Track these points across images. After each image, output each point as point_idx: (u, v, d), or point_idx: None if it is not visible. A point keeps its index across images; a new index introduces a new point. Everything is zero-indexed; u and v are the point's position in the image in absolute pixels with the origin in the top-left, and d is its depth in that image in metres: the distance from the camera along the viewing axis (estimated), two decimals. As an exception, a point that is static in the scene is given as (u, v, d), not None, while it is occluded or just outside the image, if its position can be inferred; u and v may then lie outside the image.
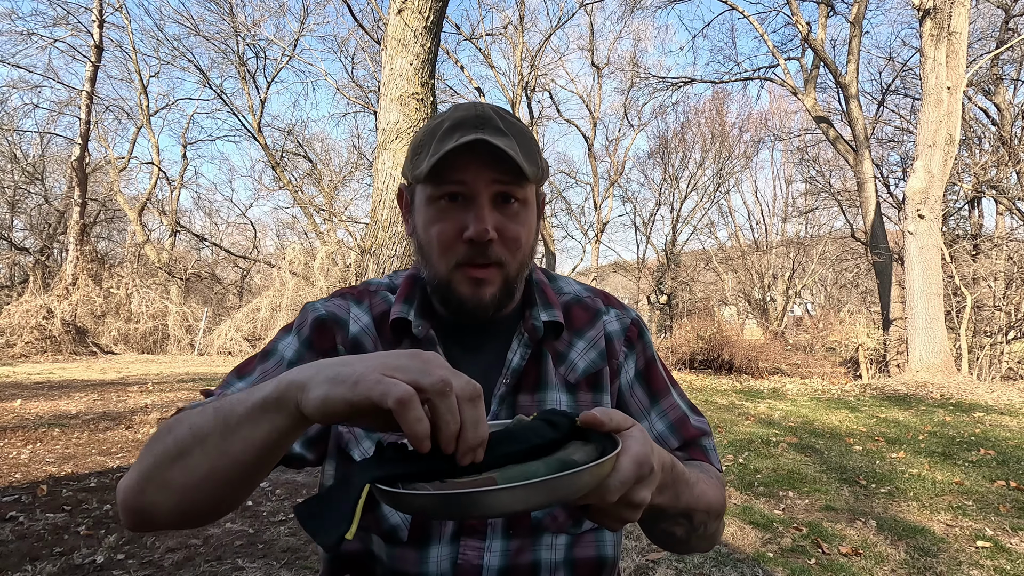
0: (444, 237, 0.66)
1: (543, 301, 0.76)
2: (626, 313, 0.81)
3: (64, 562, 2.45)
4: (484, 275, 0.67)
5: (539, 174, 0.67)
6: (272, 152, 18.43)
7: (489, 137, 0.62)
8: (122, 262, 16.71)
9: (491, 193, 0.65)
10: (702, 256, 22.45)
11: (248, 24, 17.57)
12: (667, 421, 0.78)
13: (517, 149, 0.64)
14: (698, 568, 2.56)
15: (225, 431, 0.49)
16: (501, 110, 0.69)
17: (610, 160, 22.45)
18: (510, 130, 0.66)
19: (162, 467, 0.51)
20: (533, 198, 0.71)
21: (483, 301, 0.67)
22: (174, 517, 0.53)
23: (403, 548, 0.66)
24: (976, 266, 11.14)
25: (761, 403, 7.47)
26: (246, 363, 0.72)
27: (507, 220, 0.66)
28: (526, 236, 0.69)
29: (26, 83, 16.47)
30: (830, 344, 12.22)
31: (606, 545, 0.72)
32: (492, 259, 0.66)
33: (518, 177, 0.65)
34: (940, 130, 9.04)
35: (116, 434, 4.85)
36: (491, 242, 0.65)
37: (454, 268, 0.67)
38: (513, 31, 19.22)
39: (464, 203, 0.66)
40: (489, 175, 0.64)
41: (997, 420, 6.06)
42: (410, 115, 4.05)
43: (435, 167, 0.63)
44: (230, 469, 0.49)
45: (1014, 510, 3.33)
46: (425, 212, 0.68)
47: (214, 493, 0.51)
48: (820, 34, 13.61)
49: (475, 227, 0.64)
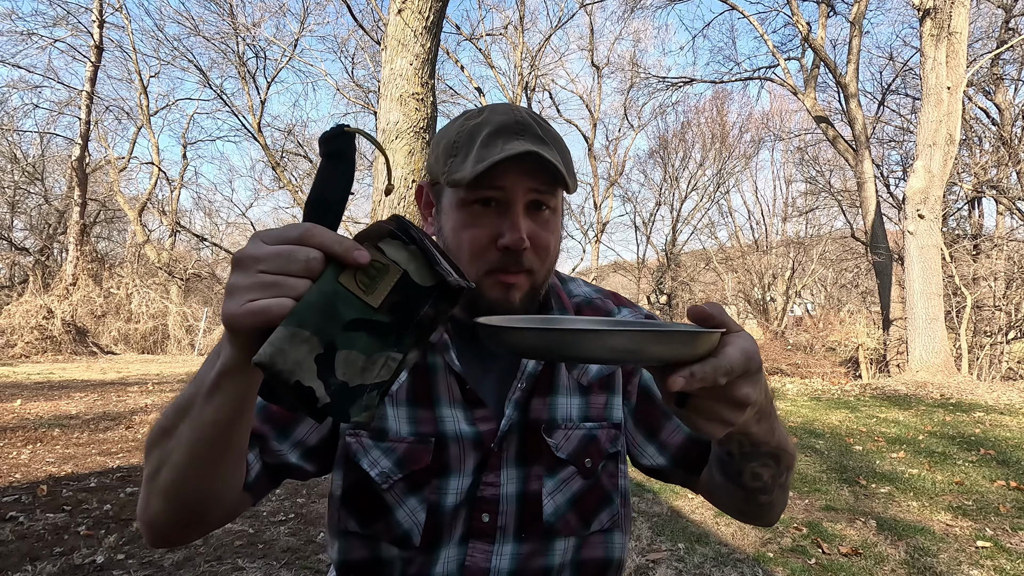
0: (476, 243, 0.65)
1: (557, 304, 0.76)
2: (637, 312, 0.81)
3: (64, 562, 2.45)
4: (515, 280, 0.66)
5: (575, 185, 0.67)
6: (272, 152, 18.42)
7: (537, 147, 0.61)
8: (122, 262, 16.73)
9: (526, 201, 0.65)
10: (702, 256, 22.45)
11: (248, 24, 17.56)
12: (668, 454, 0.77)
13: (559, 159, 0.63)
14: (698, 568, 2.56)
15: (192, 421, 0.49)
16: (535, 115, 0.68)
17: (610, 160, 22.47)
18: (548, 137, 0.65)
19: (152, 475, 0.54)
20: (562, 205, 0.71)
21: (512, 305, 0.67)
22: (177, 527, 0.56)
23: (412, 552, 0.66)
24: (976, 266, 11.14)
25: (761, 403, 7.46)
26: None
27: (539, 228, 0.66)
28: (555, 243, 0.69)
29: (26, 83, 16.49)
30: (830, 344, 12.22)
31: (614, 547, 0.72)
32: (524, 266, 0.66)
33: (554, 186, 0.65)
34: (940, 130, 9.04)
35: (116, 434, 4.85)
36: (525, 250, 0.65)
37: (484, 274, 0.66)
38: (513, 31, 19.23)
39: (498, 208, 0.65)
40: (527, 183, 0.64)
41: (997, 420, 6.06)
42: (410, 115, 4.04)
43: (481, 174, 0.62)
44: (206, 448, 0.50)
45: (1014, 510, 3.33)
46: (456, 216, 0.67)
47: (200, 482, 0.53)
48: (820, 34, 13.61)
49: (511, 235, 0.63)
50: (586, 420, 0.72)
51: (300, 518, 3.09)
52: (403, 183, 3.98)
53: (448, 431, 0.68)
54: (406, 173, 3.98)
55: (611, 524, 0.72)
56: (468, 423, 0.69)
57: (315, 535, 2.87)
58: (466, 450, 0.68)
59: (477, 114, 0.68)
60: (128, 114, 18.62)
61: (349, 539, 0.69)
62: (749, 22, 14.52)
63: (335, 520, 0.71)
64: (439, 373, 0.70)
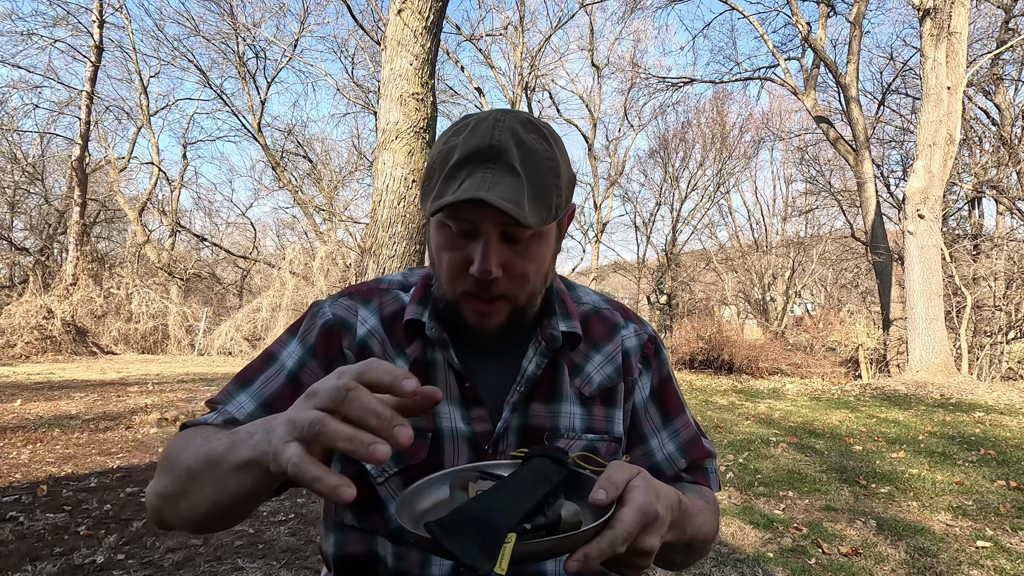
0: (452, 267, 0.65)
1: (562, 310, 0.75)
2: (643, 328, 0.81)
3: (64, 562, 2.45)
4: (489, 309, 0.66)
5: (550, 217, 0.62)
6: (272, 152, 18.43)
7: (491, 193, 0.58)
8: (122, 262, 16.71)
9: (499, 231, 0.63)
10: (702, 256, 22.44)
11: (248, 24, 17.58)
12: (678, 442, 0.77)
13: (525, 195, 0.59)
14: (698, 568, 2.56)
15: (217, 480, 0.52)
16: (521, 133, 0.63)
17: (610, 160, 22.46)
18: (525, 162, 0.61)
19: (171, 500, 0.58)
20: (550, 228, 0.68)
21: (488, 331, 0.67)
22: (191, 530, 0.60)
23: (408, 548, 0.66)
24: (976, 266, 11.13)
25: (761, 403, 7.46)
26: (248, 369, 0.72)
27: (515, 256, 0.65)
28: (536, 269, 0.67)
29: (26, 83, 16.47)
30: (830, 344, 12.20)
31: None
32: (496, 295, 0.65)
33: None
34: (940, 130, 9.04)
35: (116, 434, 4.85)
36: (496, 280, 0.64)
37: (461, 296, 0.66)
38: (513, 31, 19.22)
39: (472, 236, 0.64)
40: (497, 217, 0.61)
41: (997, 420, 6.06)
42: (410, 115, 4.04)
43: (437, 209, 0.60)
44: (228, 504, 0.53)
45: (1014, 510, 3.33)
46: (436, 236, 0.67)
47: (221, 518, 0.57)
48: (820, 34, 13.60)
49: (479, 266, 0.62)
50: (588, 431, 0.72)
51: (300, 518, 3.09)
52: (403, 183, 3.98)
53: (444, 428, 0.68)
54: (406, 173, 3.98)
55: None
56: (464, 422, 0.69)
57: (315, 535, 2.87)
58: (460, 448, 0.68)
59: (462, 128, 0.64)
60: (128, 114, 18.64)
61: (346, 532, 0.70)
62: (749, 22, 14.52)
63: (331, 513, 0.71)
64: (439, 369, 0.70)
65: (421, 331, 0.71)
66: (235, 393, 0.69)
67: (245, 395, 0.69)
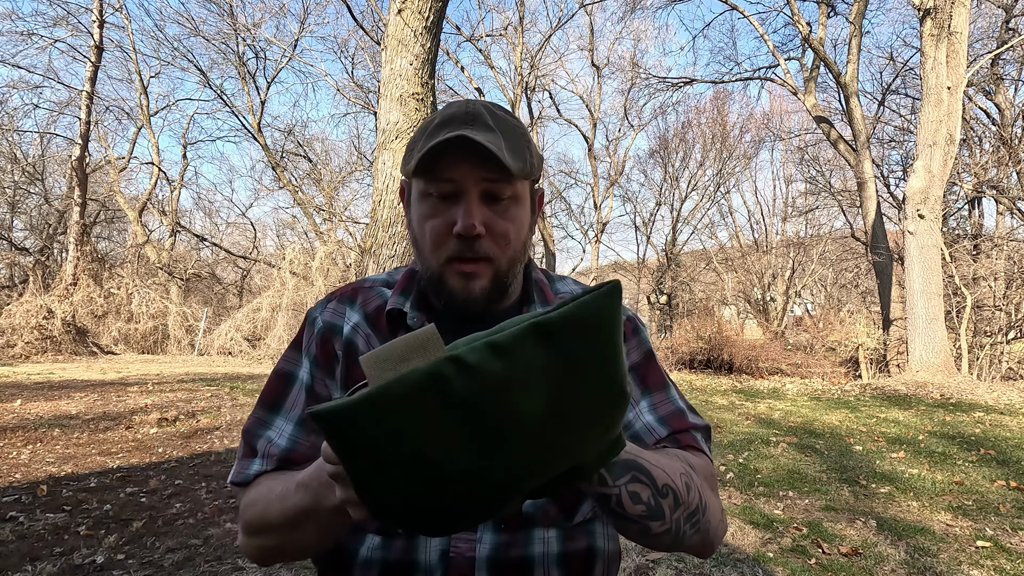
0: (435, 232, 0.68)
1: (541, 299, 0.77)
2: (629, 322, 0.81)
3: (64, 562, 2.45)
4: (474, 269, 0.68)
5: (526, 169, 0.67)
6: (272, 152, 18.42)
7: (472, 134, 0.62)
8: (122, 262, 16.72)
9: (480, 190, 0.66)
10: (702, 256, 22.44)
11: (248, 25, 17.56)
12: (658, 414, 0.75)
13: (503, 145, 0.64)
14: (698, 568, 2.56)
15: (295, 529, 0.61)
16: (494, 106, 0.69)
17: (610, 160, 22.45)
18: (499, 126, 0.66)
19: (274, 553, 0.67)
20: (526, 193, 0.71)
21: (473, 294, 0.68)
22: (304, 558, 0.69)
23: (396, 539, 0.67)
24: (976, 266, 11.13)
25: (761, 403, 7.46)
26: (271, 392, 0.75)
27: (496, 216, 0.67)
28: (516, 231, 0.69)
29: (26, 83, 16.45)
30: (830, 344, 12.19)
31: (595, 536, 0.72)
32: (481, 254, 0.67)
33: (506, 174, 0.65)
34: (940, 130, 9.04)
35: (116, 434, 4.85)
36: (479, 237, 0.66)
37: (445, 262, 0.68)
38: (513, 32, 19.22)
39: (455, 200, 0.67)
40: (478, 173, 0.65)
41: (997, 420, 6.06)
42: (410, 115, 4.04)
43: (423, 163, 0.65)
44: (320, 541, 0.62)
45: (1014, 510, 3.33)
46: (419, 207, 0.70)
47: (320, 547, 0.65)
48: (820, 34, 13.61)
49: (463, 222, 0.65)
50: None
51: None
52: (403, 183, 3.98)
53: None
54: (406, 173, 3.98)
55: (593, 515, 0.72)
56: None
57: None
58: None
59: (437, 112, 0.70)
60: (128, 114, 18.63)
61: None
62: (749, 22, 14.53)
63: None
64: None
65: (403, 320, 0.73)
66: (269, 418, 0.73)
67: (281, 419, 0.73)
